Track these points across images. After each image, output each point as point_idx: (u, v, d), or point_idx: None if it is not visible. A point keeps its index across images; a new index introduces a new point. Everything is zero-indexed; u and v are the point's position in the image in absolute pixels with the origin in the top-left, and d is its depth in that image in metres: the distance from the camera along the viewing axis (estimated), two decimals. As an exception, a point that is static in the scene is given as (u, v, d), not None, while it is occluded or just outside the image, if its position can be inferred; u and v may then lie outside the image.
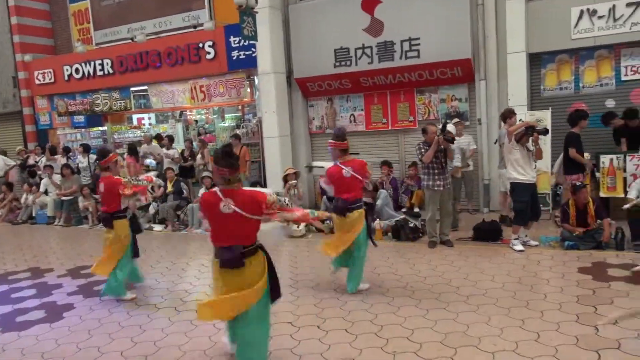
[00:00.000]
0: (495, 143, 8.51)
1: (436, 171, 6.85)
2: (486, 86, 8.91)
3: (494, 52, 8.81)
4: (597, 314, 4.44)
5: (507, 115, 7.05)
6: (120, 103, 13.19)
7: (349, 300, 5.24)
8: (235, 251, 3.49)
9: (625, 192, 6.95)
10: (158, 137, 12.30)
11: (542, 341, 3.99)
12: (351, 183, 5.35)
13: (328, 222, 8.45)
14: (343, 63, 9.84)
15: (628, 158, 7.31)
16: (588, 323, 4.25)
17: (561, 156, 7.62)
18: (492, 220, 7.33)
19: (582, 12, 8.32)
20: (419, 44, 9.12)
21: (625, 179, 7.28)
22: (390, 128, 10.03)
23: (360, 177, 5.35)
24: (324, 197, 8.86)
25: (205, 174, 10.38)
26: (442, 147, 6.70)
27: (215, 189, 3.56)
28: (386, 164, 9.24)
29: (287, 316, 4.93)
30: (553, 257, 6.23)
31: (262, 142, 10.74)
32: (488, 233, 7.09)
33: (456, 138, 6.99)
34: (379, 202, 8.33)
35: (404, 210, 8.61)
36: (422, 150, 6.85)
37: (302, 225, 8.41)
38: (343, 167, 5.36)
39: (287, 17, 10.34)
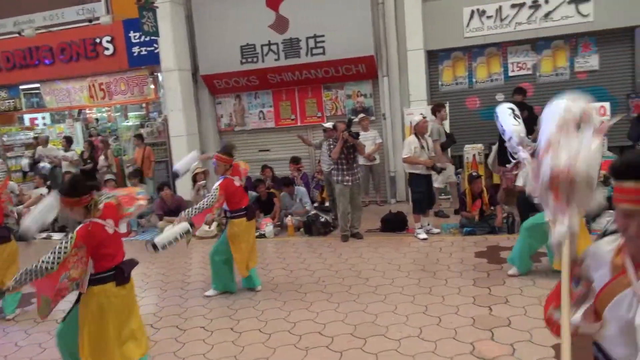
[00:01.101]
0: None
1: (345, 167, 7.05)
2: (389, 82, 9.27)
3: (395, 50, 9.18)
4: (491, 294, 4.82)
5: (437, 109, 7.42)
6: (9, 103, 12.16)
7: (263, 300, 5.27)
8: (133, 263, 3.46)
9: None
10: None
11: (443, 324, 4.27)
12: (242, 191, 5.46)
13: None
14: (250, 60, 9.79)
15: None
16: (483, 304, 4.61)
17: (495, 147, 8.03)
18: (398, 212, 7.67)
19: (472, 12, 8.90)
20: (324, 41, 9.29)
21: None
22: (299, 124, 10.14)
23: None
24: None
25: (108, 176, 9.89)
26: (350, 142, 6.90)
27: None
28: (294, 160, 9.31)
29: (199, 320, 4.87)
30: (453, 243, 6.66)
31: (168, 141, 10.42)
32: (395, 224, 7.43)
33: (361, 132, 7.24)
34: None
35: (315, 205, 8.75)
36: (331, 146, 7.01)
37: (214, 225, 8.27)
38: (233, 177, 5.32)
39: (190, 13, 10.08)
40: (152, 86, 10.74)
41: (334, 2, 9.11)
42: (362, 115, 9.09)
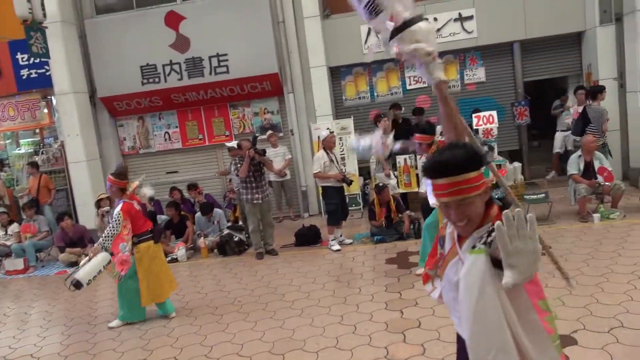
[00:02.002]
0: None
1: (254, 184, 7.05)
2: (294, 98, 9.42)
3: (299, 67, 9.37)
4: (402, 298, 5.03)
5: (377, 119, 7.80)
6: None
7: (177, 326, 5.11)
8: None
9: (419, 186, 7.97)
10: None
11: (359, 332, 4.39)
12: (143, 214, 5.32)
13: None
14: (151, 80, 9.52)
15: (418, 157, 8.37)
16: (395, 308, 4.80)
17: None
18: (311, 225, 7.78)
19: (369, 29, 9.31)
20: (227, 60, 9.27)
21: (417, 176, 8.32)
22: (207, 144, 9.99)
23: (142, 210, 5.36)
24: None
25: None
26: (257, 160, 6.92)
27: None
28: (191, 187, 8.99)
29: (109, 355, 4.61)
30: (365, 252, 6.87)
31: (67, 168, 9.82)
32: (309, 237, 7.52)
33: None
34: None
35: (228, 224, 8.64)
36: (238, 165, 6.99)
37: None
38: (132, 201, 5.17)
39: (83, 32, 9.63)
40: (46, 110, 10.11)
41: (235, 22, 9.14)
42: (270, 132, 9.16)
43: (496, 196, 6.97)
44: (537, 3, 8.87)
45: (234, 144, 7.96)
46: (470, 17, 9.12)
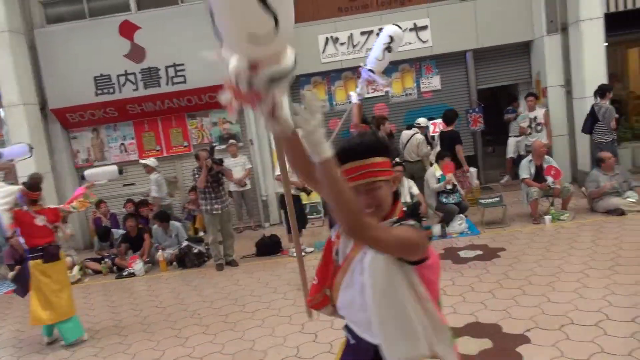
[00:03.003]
0: None
1: (213, 195, 6.97)
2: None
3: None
4: (362, 305, 5.05)
5: (381, 122, 7.85)
6: None
7: (134, 342, 4.97)
8: None
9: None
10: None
11: (319, 340, 4.38)
12: (44, 229, 5.03)
13: (106, 260, 7.90)
14: (105, 91, 9.31)
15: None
16: (355, 315, 4.81)
17: None
18: (271, 235, 7.74)
19: (327, 39, 9.42)
20: (184, 70, 9.17)
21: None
22: (165, 154, 9.82)
23: (51, 227, 5.10)
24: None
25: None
26: (216, 170, 6.85)
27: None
28: (141, 204, 8.84)
29: (61, 376, 4.45)
30: (326, 260, 6.86)
31: (16, 183, 9.43)
32: (269, 247, 7.48)
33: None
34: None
35: (187, 237, 8.50)
36: (196, 176, 6.91)
37: (76, 269, 7.66)
38: (35, 215, 4.99)
39: (33, 43, 9.33)
40: (-6, 123, 9.71)
41: (192, 30, 9.03)
42: (232, 141, 9.09)
43: (452, 201, 7.14)
44: (488, 14, 9.17)
45: (148, 161, 8.09)
46: (425, 27, 9.34)
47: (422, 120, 8.75)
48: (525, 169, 7.24)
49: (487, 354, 3.81)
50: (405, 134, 8.46)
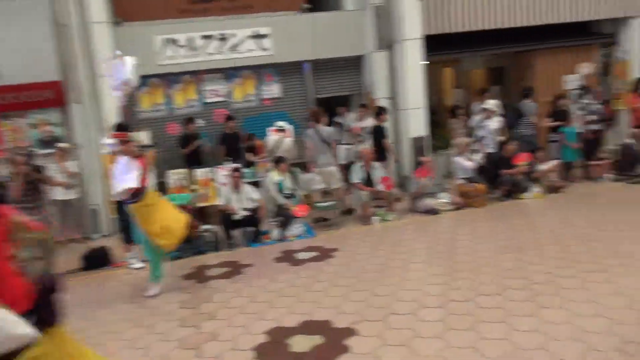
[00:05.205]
0: None
1: (30, 205, 6.25)
2: (82, 110, 8.63)
3: (85, 76, 8.61)
4: (199, 313, 4.93)
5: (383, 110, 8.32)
6: None
7: None
8: None
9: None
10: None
11: (152, 355, 4.17)
12: None
13: None
14: None
15: (217, 171, 8.35)
16: (191, 324, 4.67)
17: None
18: (100, 246, 7.16)
19: (165, 40, 9.06)
20: (-3, 65, 8.07)
21: (217, 188, 8.32)
22: (-29, 159, 8.52)
23: None
24: None
25: None
26: (33, 177, 6.15)
27: None
28: None
29: None
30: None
31: None
32: (98, 259, 6.89)
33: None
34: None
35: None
36: (9, 184, 6.13)
37: None
38: None
39: None
40: None
41: (9, 24, 8.04)
42: (59, 144, 8.19)
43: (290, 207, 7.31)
44: (324, 27, 9.65)
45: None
46: (266, 36, 9.50)
47: (283, 124, 8.83)
48: (357, 174, 7.75)
49: (319, 349, 3.97)
50: (272, 139, 8.52)
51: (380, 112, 8.78)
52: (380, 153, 8.56)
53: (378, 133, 8.66)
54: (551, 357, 3.49)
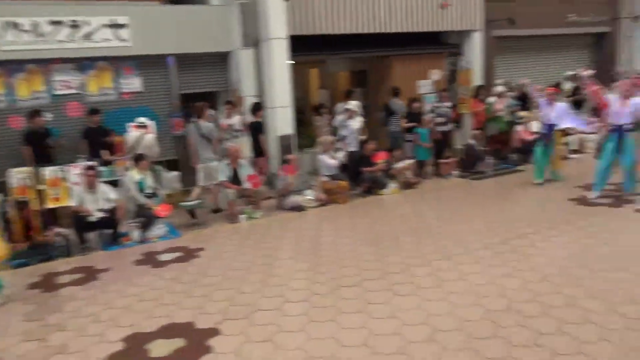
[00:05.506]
0: None
1: None
2: None
3: None
4: (45, 325, 4.47)
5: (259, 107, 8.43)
6: None
7: None
8: None
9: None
10: None
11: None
12: None
13: None
14: None
15: (69, 169, 7.65)
16: (35, 337, 4.23)
17: None
18: None
19: (4, 23, 8.07)
20: None
21: (69, 188, 7.63)
22: None
23: None
24: None
25: None
26: None
27: None
28: None
29: None
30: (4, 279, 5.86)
31: None
32: None
33: None
34: None
35: None
36: None
37: None
38: None
39: None
40: None
41: None
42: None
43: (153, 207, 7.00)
44: (188, 21, 9.32)
45: None
46: (124, 26, 8.92)
47: (144, 120, 8.33)
48: (224, 172, 7.63)
49: (180, 352, 3.84)
50: (132, 135, 7.98)
51: (257, 108, 8.80)
52: (258, 149, 8.59)
53: (255, 129, 8.68)
54: (403, 341, 3.75)
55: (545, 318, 3.93)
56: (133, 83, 9.34)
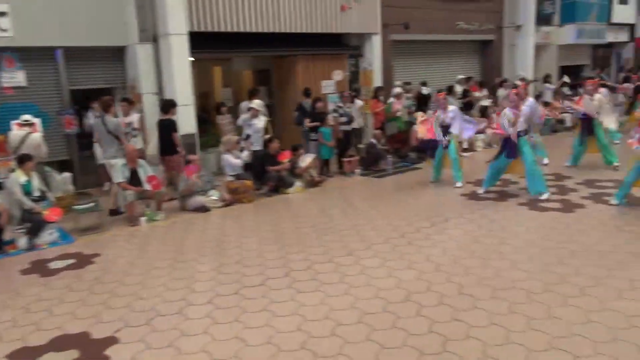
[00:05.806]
0: None
1: None
2: None
3: None
4: None
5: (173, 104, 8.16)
6: None
7: None
8: None
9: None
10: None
11: None
12: None
13: None
14: None
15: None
16: None
17: None
18: None
19: None
20: None
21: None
22: None
23: None
24: None
25: None
26: None
27: None
28: None
29: None
30: None
31: None
32: None
33: None
34: None
35: None
36: None
37: None
38: None
39: None
40: None
41: None
42: None
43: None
44: (77, 12, 8.75)
45: None
46: (4, 14, 8.18)
47: (29, 117, 7.62)
48: (121, 173, 7.26)
49: (74, 365, 3.61)
50: (16, 134, 7.28)
51: (170, 105, 8.40)
52: (170, 147, 8.24)
53: (168, 127, 8.28)
54: (306, 336, 3.82)
55: (440, 307, 4.20)
56: (16, 77, 8.61)
